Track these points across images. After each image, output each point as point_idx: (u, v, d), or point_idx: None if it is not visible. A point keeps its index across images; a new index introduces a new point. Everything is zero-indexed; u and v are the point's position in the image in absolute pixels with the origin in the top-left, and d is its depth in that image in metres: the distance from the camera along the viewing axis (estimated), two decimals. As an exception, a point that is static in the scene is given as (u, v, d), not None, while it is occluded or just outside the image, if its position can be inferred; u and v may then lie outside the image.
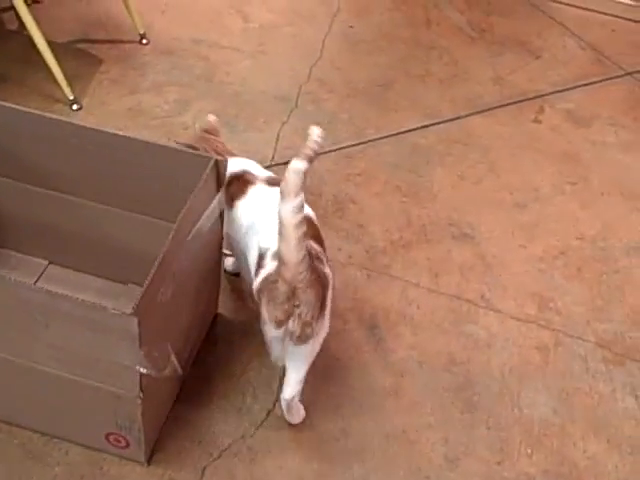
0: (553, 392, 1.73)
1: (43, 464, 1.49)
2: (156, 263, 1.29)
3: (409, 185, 2.18)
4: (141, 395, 1.34)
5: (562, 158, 2.34)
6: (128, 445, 1.47)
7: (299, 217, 1.35)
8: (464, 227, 2.07)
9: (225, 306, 1.80)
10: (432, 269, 1.96)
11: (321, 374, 1.69)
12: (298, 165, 1.35)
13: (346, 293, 1.88)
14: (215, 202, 1.52)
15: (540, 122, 2.46)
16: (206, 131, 1.79)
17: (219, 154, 1.64)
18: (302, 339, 1.45)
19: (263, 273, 1.46)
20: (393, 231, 2.04)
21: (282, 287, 1.40)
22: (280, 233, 1.36)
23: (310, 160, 1.36)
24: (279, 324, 1.44)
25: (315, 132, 1.38)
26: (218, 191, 1.52)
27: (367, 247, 1.99)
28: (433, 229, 2.06)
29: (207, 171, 1.46)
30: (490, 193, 2.19)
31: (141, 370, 1.28)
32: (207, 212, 1.49)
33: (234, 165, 1.65)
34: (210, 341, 1.73)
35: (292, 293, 1.40)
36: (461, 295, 1.90)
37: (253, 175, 1.68)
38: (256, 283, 1.48)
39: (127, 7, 2.52)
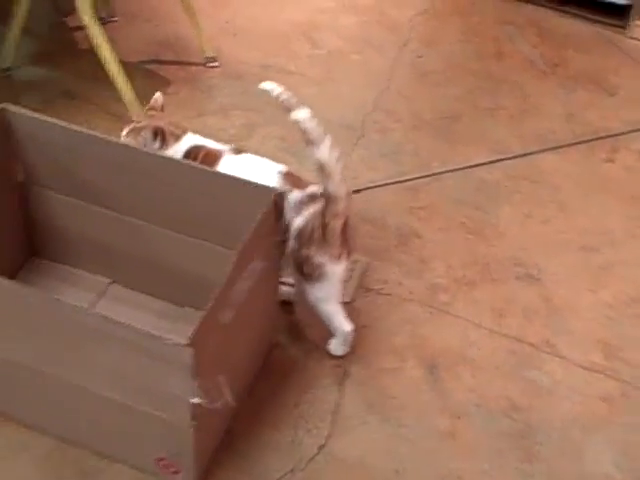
0: (617, 446, 1.65)
1: (95, 485, 1.49)
2: (215, 292, 1.27)
3: (474, 221, 2.13)
4: (193, 424, 1.32)
5: (636, 201, 2.26)
6: (178, 472, 1.45)
7: (335, 154, 1.55)
8: (530, 268, 2.01)
9: (282, 335, 1.78)
10: (495, 310, 1.90)
11: (376, 412, 1.66)
12: (305, 114, 1.56)
13: (405, 330, 1.84)
14: (274, 235, 1.50)
15: (613, 162, 2.39)
16: (151, 108, 1.82)
17: (174, 130, 1.74)
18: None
19: (299, 222, 1.60)
20: (456, 268, 1.99)
21: (337, 222, 1.58)
22: (324, 175, 1.54)
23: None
24: (339, 257, 1.62)
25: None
26: (277, 221, 1.51)
27: (429, 283, 1.95)
28: (498, 268, 2.00)
29: (268, 202, 1.44)
30: (558, 234, 2.13)
31: (194, 401, 1.26)
32: (267, 242, 1.47)
33: (193, 140, 1.75)
34: (265, 371, 1.71)
35: (345, 225, 1.62)
36: (524, 338, 1.84)
37: (215, 148, 1.74)
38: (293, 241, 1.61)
39: (197, 29, 2.54)
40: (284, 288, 1.81)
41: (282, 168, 1.71)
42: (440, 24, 2.93)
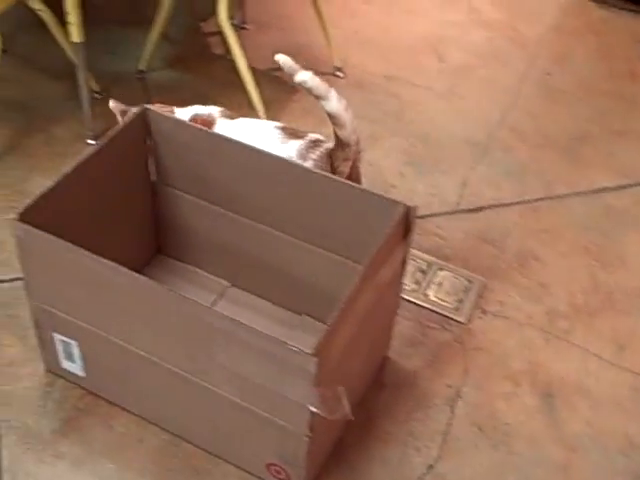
0: None
1: (204, 482, 1.53)
2: (341, 304, 1.29)
3: (599, 248, 2.07)
4: (309, 433, 1.34)
5: None
6: (288, 478, 1.47)
7: (344, 103, 1.68)
8: (657, 301, 1.95)
9: (395, 350, 1.78)
10: (617, 341, 1.84)
11: (487, 436, 1.64)
12: (307, 75, 1.68)
13: (521, 354, 1.80)
14: (400, 250, 1.50)
15: None
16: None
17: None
18: None
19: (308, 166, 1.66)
20: (577, 295, 1.94)
21: (346, 166, 1.68)
22: (337, 124, 1.68)
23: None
24: None
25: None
26: (405, 237, 1.51)
27: (548, 309, 1.90)
28: (622, 298, 1.94)
29: (398, 216, 1.45)
30: (689, 267, 2.05)
31: (312, 409, 1.28)
32: (391, 259, 1.47)
33: (187, 112, 1.80)
34: (377, 384, 1.71)
35: (352, 168, 1.72)
36: (647, 375, 1.78)
37: (209, 114, 1.80)
38: None
39: (327, 39, 2.58)
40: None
41: (278, 124, 1.79)
42: (571, 41, 2.87)
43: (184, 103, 1.76)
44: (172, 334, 1.40)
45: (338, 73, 2.62)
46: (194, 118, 1.78)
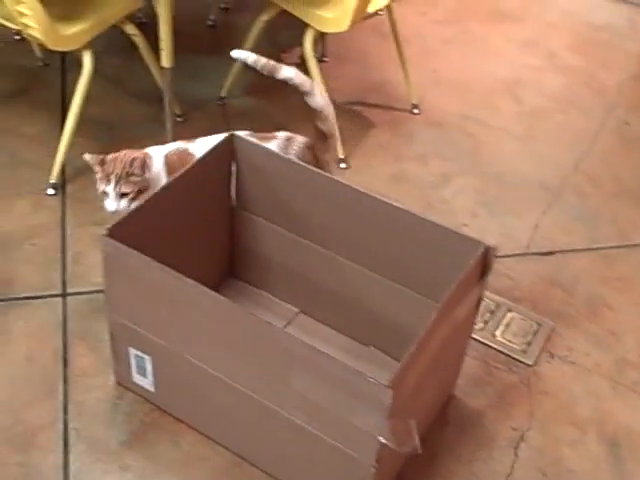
0: None
1: (267, 505, 1.55)
2: (417, 340, 1.30)
3: (672, 299, 2.05)
4: (375, 464, 1.35)
5: None
6: (349, 508, 1.48)
7: (326, 97, 1.83)
8: None
9: (460, 388, 1.78)
10: (688, 395, 1.81)
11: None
12: (292, 71, 1.80)
13: (588, 401, 1.79)
14: (476, 289, 1.51)
15: None
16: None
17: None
18: None
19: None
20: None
21: (327, 157, 1.87)
22: (320, 118, 1.82)
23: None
24: None
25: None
26: (482, 278, 1.52)
27: (617, 358, 1.89)
28: (694, 352, 1.91)
29: (477, 255, 1.46)
30: None
31: (382, 441, 1.29)
32: (467, 298, 1.48)
33: (162, 150, 1.88)
34: (440, 421, 1.71)
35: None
36: None
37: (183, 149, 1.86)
38: None
39: (405, 76, 2.62)
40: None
41: (246, 132, 1.82)
42: (651, 91, 2.86)
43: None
44: (248, 356, 1.43)
45: (415, 110, 2.65)
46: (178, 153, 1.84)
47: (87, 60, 2.19)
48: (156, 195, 1.58)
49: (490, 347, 1.88)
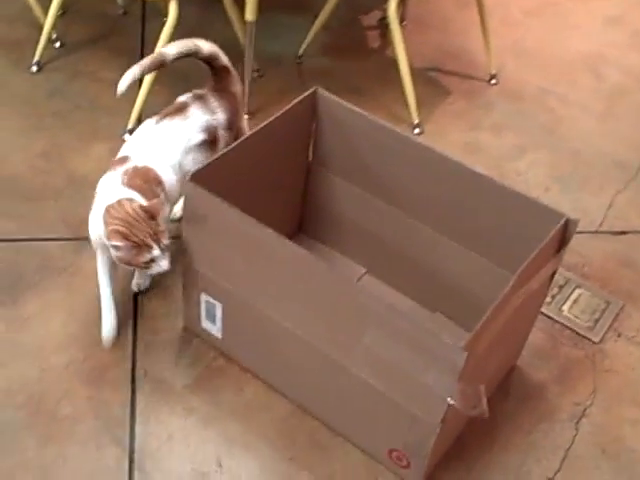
0: None
1: (325, 456, 1.58)
2: (491, 308, 1.30)
3: None
4: (440, 425, 1.36)
5: None
6: (408, 466, 1.50)
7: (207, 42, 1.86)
8: None
9: (524, 360, 1.78)
10: None
11: (611, 459, 1.62)
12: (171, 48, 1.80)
13: (652, 383, 1.78)
14: (552, 262, 1.50)
15: None
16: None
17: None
18: None
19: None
20: None
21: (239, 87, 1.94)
22: (216, 58, 1.87)
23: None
24: None
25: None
26: (559, 251, 1.51)
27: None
28: None
29: (556, 228, 1.45)
30: None
31: (451, 402, 1.30)
32: (543, 270, 1.47)
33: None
34: (502, 390, 1.72)
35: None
36: None
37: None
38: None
39: (486, 45, 2.58)
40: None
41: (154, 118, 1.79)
42: None
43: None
44: (321, 309, 1.45)
45: (492, 81, 2.62)
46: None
47: (172, 9, 2.21)
48: (237, 145, 1.60)
49: (556, 321, 1.87)
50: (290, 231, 1.97)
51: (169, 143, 1.72)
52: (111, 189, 1.60)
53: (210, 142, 1.77)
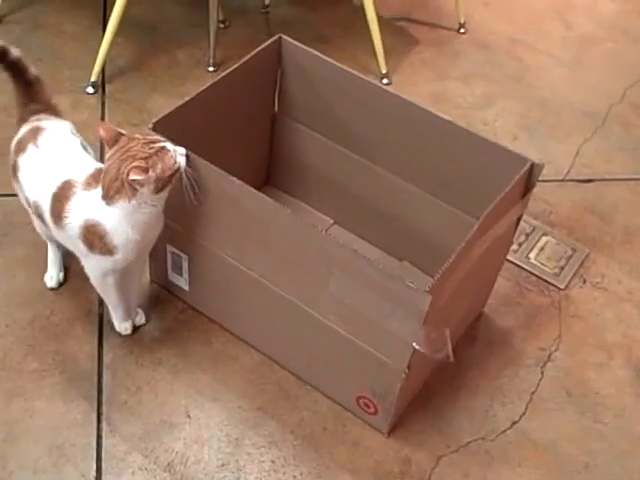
0: None
1: (293, 405, 1.58)
2: (455, 252, 1.30)
3: None
4: (406, 370, 1.37)
5: None
6: (376, 412, 1.51)
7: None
8: None
9: (491, 307, 1.79)
10: None
11: (575, 402, 1.65)
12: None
13: (617, 328, 1.79)
14: (518, 206, 1.50)
15: None
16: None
17: None
18: None
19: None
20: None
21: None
22: (22, 66, 1.60)
23: None
24: None
25: None
26: (524, 196, 1.51)
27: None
28: None
29: (521, 172, 1.44)
30: None
31: (416, 347, 1.31)
32: (508, 214, 1.47)
33: None
34: (469, 337, 1.73)
35: None
36: None
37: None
38: None
39: (453, -6, 2.55)
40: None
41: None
42: None
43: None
44: (286, 258, 1.44)
45: (461, 30, 2.60)
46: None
47: (133, -44, 2.15)
48: (199, 94, 1.57)
49: (523, 269, 1.88)
50: (257, 183, 1.95)
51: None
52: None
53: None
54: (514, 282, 1.85)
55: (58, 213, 1.48)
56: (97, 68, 2.22)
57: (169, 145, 1.40)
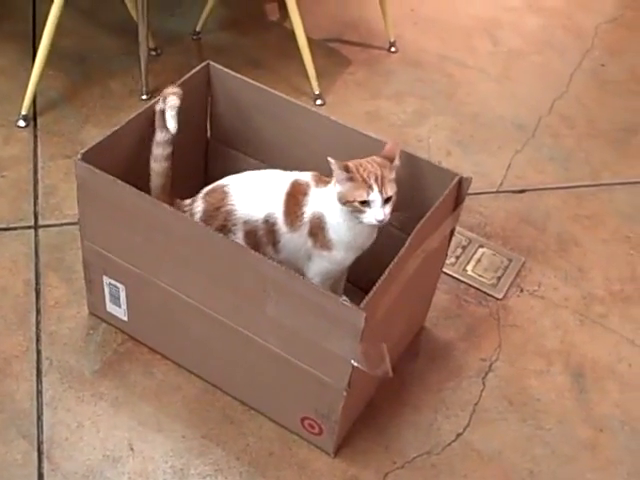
0: None
1: (238, 432, 1.57)
2: (388, 269, 1.31)
3: (640, 238, 2.09)
4: (347, 388, 1.38)
5: None
6: (321, 433, 1.51)
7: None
8: (693, 293, 1.95)
9: (431, 321, 1.81)
10: (652, 330, 1.86)
11: (517, 410, 1.67)
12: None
13: (555, 334, 1.83)
14: (449, 220, 1.52)
15: None
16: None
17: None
18: None
19: None
20: (614, 282, 1.96)
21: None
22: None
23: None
24: None
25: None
26: (454, 209, 1.53)
27: (584, 293, 1.92)
28: (659, 289, 1.95)
29: (450, 187, 1.47)
30: None
31: (355, 364, 1.31)
32: (440, 228, 1.49)
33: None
34: (411, 352, 1.74)
35: None
36: (680, 363, 1.79)
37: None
38: None
39: (384, 14, 2.59)
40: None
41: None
42: (628, 34, 2.86)
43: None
44: (222, 282, 1.44)
45: (392, 49, 2.63)
46: None
47: (60, -13, 2.14)
48: (130, 121, 1.57)
49: (461, 281, 1.91)
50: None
51: None
52: None
53: None
54: (453, 295, 1.87)
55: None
56: (27, 101, 2.20)
57: None
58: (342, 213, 1.47)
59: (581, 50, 2.73)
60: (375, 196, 1.42)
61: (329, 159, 1.42)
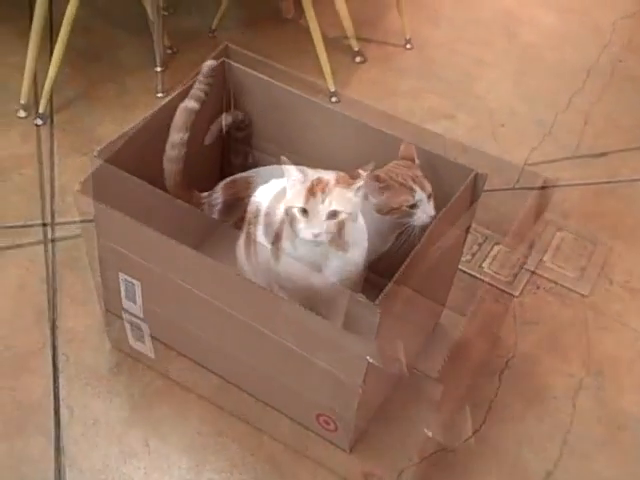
0: None
1: (254, 427, 1.57)
2: (404, 264, 1.31)
3: (661, 234, 2.06)
4: (362, 384, 1.37)
5: None
6: (336, 429, 1.51)
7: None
8: None
9: (447, 318, 1.80)
10: (673, 326, 1.84)
11: (534, 408, 1.66)
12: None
13: (573, 331, 1.81)
14: (465, 216, 1.52)
15: None
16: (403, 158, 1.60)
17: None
18: None
19: None
20: (635, 279, 1.94)
21: None
22: None
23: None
24: None
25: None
26: (470, 206, 1.52)
27: (605, 290, 1.91)
28: (679, 285, 1.93)
29: (466, 183, 1.46)
30: None
31: (370, 360, 1.31)
32: (456, 225, 1.49)
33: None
34: (427, 349, 1.73)
35: None
36: (700, 363, 1.77)
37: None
38: None
39: (399, 10, 2.58)
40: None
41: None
42: (646, 30, 2.84)
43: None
44: (238, 278, 1.44)
45: (408, 46, 2.63)
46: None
47: (77, -15, 2.15)
48: (146, 119, 1.57)
49: (477, 278, 1.90)
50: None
51: None
52: None
53: None
54: (469, 292, 1.86)
55: None
56: (44, 99, 2.21)
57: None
58: (360, 216, 1.43)
59: (598, 46, 2.71)
60: (420, 196, 1.45)
61: (360, 171, 1.36)
